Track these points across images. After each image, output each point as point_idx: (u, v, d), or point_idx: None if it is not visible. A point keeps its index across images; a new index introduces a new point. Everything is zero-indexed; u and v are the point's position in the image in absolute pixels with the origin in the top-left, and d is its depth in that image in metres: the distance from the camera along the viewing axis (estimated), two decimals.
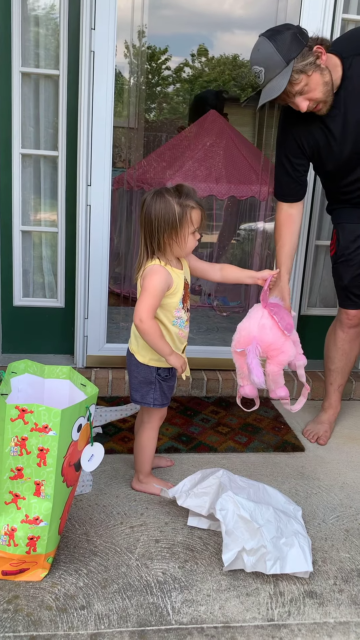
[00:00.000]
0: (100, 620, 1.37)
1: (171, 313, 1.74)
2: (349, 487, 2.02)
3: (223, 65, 8.10)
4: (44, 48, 2.49)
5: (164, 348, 1.70)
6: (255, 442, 2.28)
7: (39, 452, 1.40)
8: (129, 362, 1.82)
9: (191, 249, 1.73)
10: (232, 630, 1.38)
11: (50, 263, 2.73)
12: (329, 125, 1.98)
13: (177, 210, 1.64)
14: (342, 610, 1.47)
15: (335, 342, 2.35)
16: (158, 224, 1.65)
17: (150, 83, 6.78)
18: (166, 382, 1.82)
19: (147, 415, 1.86)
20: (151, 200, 1.66)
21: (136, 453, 1.89)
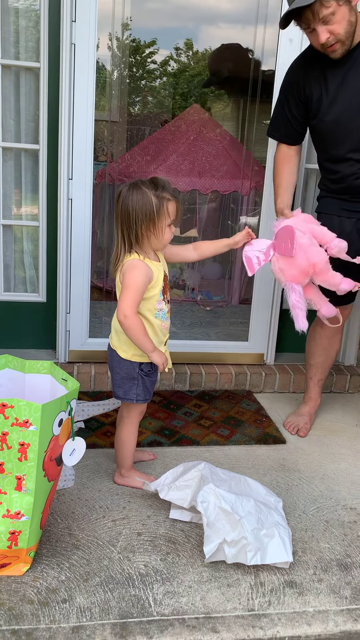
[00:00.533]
0: (82, 613, 1.38)
1: (153, 306, 1.75)
2: (329, 478, 2.05)
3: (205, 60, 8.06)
4: (25, 40, 2.46)
5: (147, 344, 1.70)
6: (237, 435, 2.30)
7: (19, 447, 1.39)
8: (111, 359, 1.82)
9: (168, 242, 1.74)
10: (213, 621, 1.39)
11: (32, 257, 2.72)
12: (328, 79, 1.98)
13: (154, 201, 1.64)
14: (322, 599, 1.49)
15: (314, 337, 2.38)
16: (136, 216, 1.65)
17: (134, 76, 6.74)
18: (149, 377, 1.82)
19: (126, 410, 1.86)
20: (127, 192, 1.66)
21: (117, 448, 1.90)
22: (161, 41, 6.73)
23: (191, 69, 7.33)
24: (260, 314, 2.81)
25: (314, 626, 1.41)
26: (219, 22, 6.21)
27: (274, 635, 1.38)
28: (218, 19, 6.00)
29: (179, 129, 4.06)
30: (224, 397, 2.63)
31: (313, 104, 2.05)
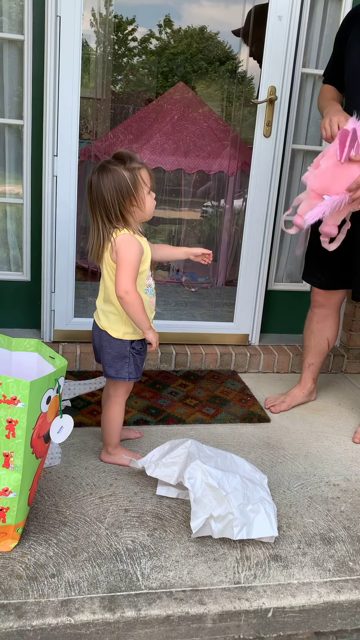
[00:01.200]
0: (70, 587, 1.39)
1: (143, 281, 1.75)
2: (312, 456, 2.08)
3: (190, 38, 7.94)
4: (8, 11, 2.40)
5: (145, 321, 1.71)
6: (222, 414, 2.32)
7: (7, 424, 1.39)
8: (100, 339, 1.82)
9: (152, 210, 1.73)
10: (200, 593, 1.42)
11: (16, 236, 2.68)
12: None
13: (127, 176, 1.64)
14: (305, 572, 1.53)
15: (307, 321, 2.41)
16: (114, 196, 1.64)
17: (117, 54, 6.63)
18: (140, 355, 1.83)
19: (113, 388, 1.87)
20: (98, 177, 1.66)
21: (104, 426, 1.90)
22: (144, 18, 6.61)
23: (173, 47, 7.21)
24: (246, 295, 2.82)
25: (298, 597, 1.44)
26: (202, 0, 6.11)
27: (259, 607, 1.41)
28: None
29: (164, 107, 4.01)
30: (209, 377, 2.65)
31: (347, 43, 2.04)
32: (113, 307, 1.76)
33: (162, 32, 7.04)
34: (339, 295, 2.30)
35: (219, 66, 6.90)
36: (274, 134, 2.62)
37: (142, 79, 6.78)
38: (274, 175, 2.68)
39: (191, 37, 7.81)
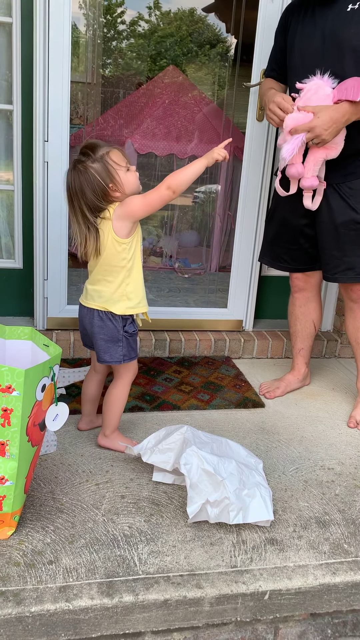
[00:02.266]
0: (68, 573, 1.40)
1: (140, 251, 1.78)
2: (307, 440, 2.10)
3: (180, 20, 7.84)
4: None
5: (193, 166, 1.71)
6: (217, 400, 2.33)
7: (2, 413, 1.38)
8: (91, 325, 1.81)
9: (136, 184, 1.71)
10: (197, 577, 1.43)
11: (7, 223, 2.65)
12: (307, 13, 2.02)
13: (98, 167, 1.64)
14: (301, 554, 1.54)
15: (290, 306, 2.42)
16: (94, 192, 1.64)
17: (107, 37, 6.53)
18: (132, 337, 1.83)
19: (117, 372, 1.87)
20: (73, 178, 1.66)
21: (106, 408, 1.89)
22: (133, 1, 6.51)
23: (162, 30, 7.10)
24: (239, 280, 2.82)
25: (295, 580, 1.46)
26: None
27: (256, 590, 1.43)
28: None
29: (154, 91, 3.97)
30: (204, 363, 2.65)
31: (293, 32, 2.07)
32: (110, 285, 1.75)
33: (151, 14, 6.93)
34: (317, 277, 2.32)
35: (210, 49, 6.81)
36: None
37: (132, 62, 6.69)
38: (267, 160, 2.66)
39: (181, 20, 7.69)
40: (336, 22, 1.92)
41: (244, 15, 3.00)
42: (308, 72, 1.99)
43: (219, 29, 5.84)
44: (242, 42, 3.04)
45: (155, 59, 6.23)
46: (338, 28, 1.92)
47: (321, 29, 1.96)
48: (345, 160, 1.98)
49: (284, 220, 2.19)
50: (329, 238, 2.10)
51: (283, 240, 2.25)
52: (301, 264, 2.28)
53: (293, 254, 2.26)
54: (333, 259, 2.12)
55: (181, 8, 7.72)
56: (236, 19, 2.97)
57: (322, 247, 2.14)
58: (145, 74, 5.75)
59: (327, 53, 1.95)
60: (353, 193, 2.03)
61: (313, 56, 1.98)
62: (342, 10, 1.92)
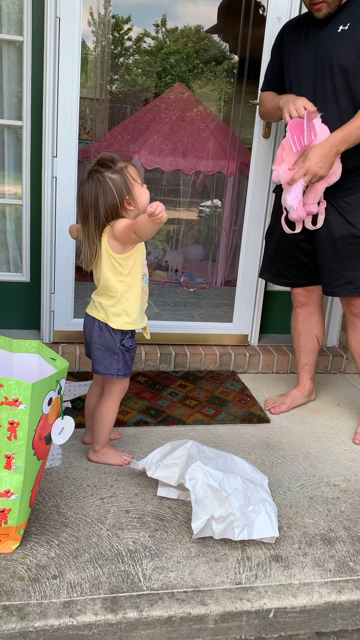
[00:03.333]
0: (72, 588, 1.40)
1: (139, 269, 1.78)
2: (312, 456, 2.09)
3: (186, 37, 7.94)
4: (7, 12, 2.40)
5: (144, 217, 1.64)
6: (222, 415, 2.32)
7: (9, 426, 1.39)
8: (91, 333, 1.83)
9: (147, 201, 1.73)
10: (202, 594, 1.42)
11: (15, 236, 2.68)
12: (302, 31, 2.09)
13: (117, 179, 1.66)
14: (306, 572, 1.53)
15: (292, 322, 2.43)
16: (109, 204, 1.66)
17: (114, 53, 6.63)
18: (129, 353, 1.84)
19: (108, 386, 1.87)
20: (89, 187, 1.67)
21: (97, 424, 1.90)
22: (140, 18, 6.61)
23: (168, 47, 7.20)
24: (245, 295, 2.83)
25: (300, 598, 1.45)
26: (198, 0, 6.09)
27: (260, 607, 1.42)
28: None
29: (161, 107, 4.01)
30: (209, 378, 2.65)
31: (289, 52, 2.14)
32: (110, 299, 1.77)
33: (158, 31, 7.03)
34: (318, 292, 2.33)
35: (215, 66, 6.90)
36: (273, 135, 2.63)
37: (140, 79, 6.78)
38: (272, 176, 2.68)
39: (187, 37, 7.79)
40: (328, 43, 1.99)
41: (250, 33, 3.04)
42: (303, 90, 2.05)
43: (224, 46, 5.92)
44: (249, 59, 3.08)
45: (161, 76, 6.31)
46: (329, 48, 1.98)
47: (314, 49, 2.03)
48: (342, 176, 2.01)
49: (282, 236, 2.21)
50: (328, 252, 2.12)
51: (282, 256, 2.27)
52: (301, 279, 2.29)
53: (292, 269, 2.28)
54: (332, 274, 2.14)
55: (187, 25, 7.84)
56: (243, 36, 3.01)
57: (321, 262, 2.16)
58: (152, 90, 5.82)
59: (319, 72, 2.02)
60: (350, 208, 2.06)
61: (307, 75, 2.05)
62: (333, 31, 1.99)
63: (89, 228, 1.71)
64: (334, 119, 1.98)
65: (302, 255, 2.23)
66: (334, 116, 1.99)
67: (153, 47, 7.25)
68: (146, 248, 4.01)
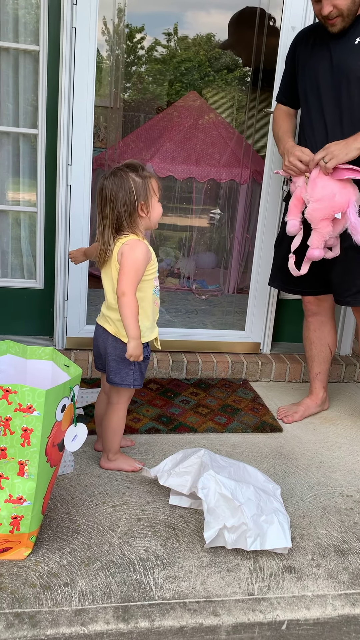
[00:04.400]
0: (84, 596, 1.39)
1: (151, 283, 1.78)
2: (325, 466, 2.07)
3: (198, 46, 7.98)
4: (23, 22, 2.43)
5: (135, 328, 1.69)
6: (234, 423, 2.31)
7: (22, 432, 1.39)
8: (105, 345, 1.83)
9: (159, 218, 1.76)
10: (214, 605, 1.41)
11: (29, 243, 2.70)
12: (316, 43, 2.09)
13: (140, 183, 1.68)
14: (320, 584, 1.51)
15: (304, 331, 2.42)
16: (127, 203, 1.67)
17: (127, 62, 6.68)
18: (144, 363, 1.84)
19: (116, 395, 1.87)
20: (111, 182, 1.68)
21: (106, 432, 1.90)
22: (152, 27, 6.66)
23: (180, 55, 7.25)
24: (258, 303, 2.82)
25: (313, 610, 1.43)
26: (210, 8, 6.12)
27: (273, 619, 1.40)
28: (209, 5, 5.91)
29: (175, 115, 4.03)
30: (221, 386, 2.65)
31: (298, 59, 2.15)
32: (118, 313, 1.77)
33: (170, 40, 7.08)
34: (330, 300, 2.31)
35: (227, 74, 6.93)
36: None
37: (153, 87, 6.83)
38: (286, 184, 2.68)
39: (199, 45, 7.84)
40: (344, 54, 2.00)
41: (264, 43, 3.05)
42: (317, 101, 2.06)
43: None
44: (264, 67, 3.09)
45: (174, 84, 6.35)
46: (345, 60, 1.99)
47: (329, 59, 2.03)
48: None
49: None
50: (338, 261, 2.10)
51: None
52: (312, 288, 2.27)
53: (303, 277, 2.25)
54: (343, 283, 2.13)
55: (199, 34, 7.88)
56: (257, 46, 3.02)
57: (332, 271, 2.15)
58: (164, 98, 5.86)
59: (335, 83, 2.02)
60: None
61: (321, 86, 2.05)
62: (350, 42, 1.99)
63: (106, 222, 1.72)
64: (348, 129, 1.98)
65: (313, 264, 2.21)
66: (349, 126, 1.99)
67: (165, 55, 7.31)
68: (158, 255, 4.02)
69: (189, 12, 6.31)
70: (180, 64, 6.80)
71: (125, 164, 1.72)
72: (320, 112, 2.07)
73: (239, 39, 4.13)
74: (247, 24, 3.71)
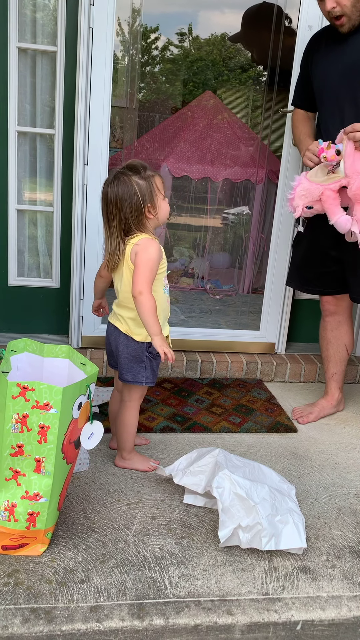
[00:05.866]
0: (99, 593, 1.40)
1: (161, 281, 1.79)
2: (340, 467, 2.06)
3: (212, 45, 7.98)
4: (41, 24, 2.45)
5: (156, 325, 1.69)
6: (248, 423, 2.31)
7: (39, 430, 1.41)
8: (117, 343, 1.84)
9: (167, 215, 1.77)
10: (229, 603, 1.41)
11: (46, 243, 2.72)
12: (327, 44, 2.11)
13: (144, 185, 1.68)
14: (335, 585, 1.51)
15: (321, 330, 2.41)
16: (133, 206, 1.68)
17: (143, 62, 6.69)
18: (156, 360, 1.85)
19: (128, 393, 1.88)
20: (115, 188, 1.69)
21: (119, 431, 1.91)
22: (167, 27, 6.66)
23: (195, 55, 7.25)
24: (272, 303, 2.82)
25: (328, 611, 1.43)
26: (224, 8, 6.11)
27: (288, 619, 1.40)
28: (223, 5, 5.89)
29: (190, 115, 4.04)
30: (235, 386, 2.65)
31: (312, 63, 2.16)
32: (130, 311, 1.78)
33: (184, 40, 7.07)
34: (348, 300, 2.30)
35: (241, 73, 6.92)
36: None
37: (168, 87, 6.83)
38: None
39: (213, 45, 7.83)
40: (355, 53, 1.99)
41: (281, 42, 3.04)
42: (331, 101, 2.06)
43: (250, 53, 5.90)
44: (280, 67, 3.08)
45: (189, 84, 6.35)
46: (358, 59, 1.98)
47: (342, 59, 2.03)
48: None
49: (311, 244, 2.19)
50: (356, 259, 2.09)
51: (311, 264, 2.25)
52: (331, 288, 2.27)
53: (322, 277, 2.25)
54: (359, 279, 2.11)
55: (214, 33, 7.87)
56: (274, 45, 3.01)
57: (349, 269, 2.14)
58: (180, 99, 5.86)
59: (349, 82, 2.01)
60: None
61: (336, 85, 2.06)
62: None
63: (112, 228, 1.73)
64: None
65: (331, 263, 2.21)
66: None
67: (180, 55, 7.31)
68: (172, 255, 4.03)
69: (203, 12, 6.30)
70: (193, 64, 6.79)
71: (126, 166, 1.72)
72: (337, 111, 2.07)
73: (250, 34, 4.12)
74: (262, 20, 3.70)
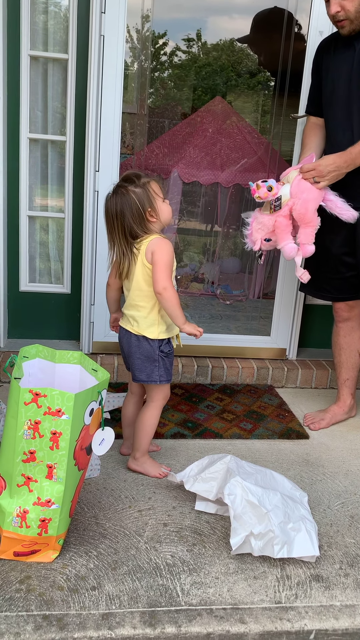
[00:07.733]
0: (111, 600, 1.40)
1: (172, 279, 1.81)
2: (353, 474, 2.05)
3: (221, 51, 8.00)
4: (53, 31, 2.47)
5: (181, 315, 1.77)
6: (260, 429, 2.30)
7: (51, 436, 1.41)
8: (129, 345, 1.85)
9: (169, 216, 1.81)
10: (241, 612, 1.40)
11: (57, 249, 2.73)
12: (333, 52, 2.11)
13: (140, 193, 1.73)
14: (348, 593, 1.49)
15: (333, 336, 2.39)
16: (133, 214, 1.72)
17: (152, 68, 6.72)
18: (168, 358, 1.86)
19: (150, 394, 1.90)
20: (114, 201, 1.74)
21: (137, 430, 1.91)
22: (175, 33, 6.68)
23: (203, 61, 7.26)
24: (284, 309, 2.81)
25: (342, 620, 1.41)
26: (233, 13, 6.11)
27: (301, 628, 1.39)
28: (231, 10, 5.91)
29: (200, 121, 4.04)
30: (246, 391, 2.64)
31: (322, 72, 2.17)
32: (142, 310, 1.80)
33: (193, 45, 7.08)
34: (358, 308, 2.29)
35: (250, 78, 6.92)
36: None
37: (177, 93, 6.85)
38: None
39: (222, 50, 7.85)
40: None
41: (292, 47, 3.04)
42: (342, 104, 2.06)
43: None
44: (288, 72, 3.08)
45: (198, 89, 6.37)
46: None
47: (351, 63, 2.03)
48: None
49: (323, 250, 2.18)
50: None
51: (324, 271, 2.24)
52: (344, 294, 2.26)
53: (335, 283, 2.24)
54: None
55: (223, 39, 7.89)
56: (284, 50, 3.01)
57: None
58: (190, 104, 5.88)
59: (354, 90, 2.01)
60: None
61: (342, 93, 2.06)
62: None
63: (118, 240, 1.77)
64: None
65: (345, 269, 2.20)
66: None
67: (189, 61, 7.32)
68: (182, 260, 4.03)
69: (212, 17, 6.31)
70: (202, 69, 6.80)
71: (122, 179, 1.78)
72: (345, 115, 2.06)
73: (260, 37, 4.12)
74: (272, 23, 3.71)
